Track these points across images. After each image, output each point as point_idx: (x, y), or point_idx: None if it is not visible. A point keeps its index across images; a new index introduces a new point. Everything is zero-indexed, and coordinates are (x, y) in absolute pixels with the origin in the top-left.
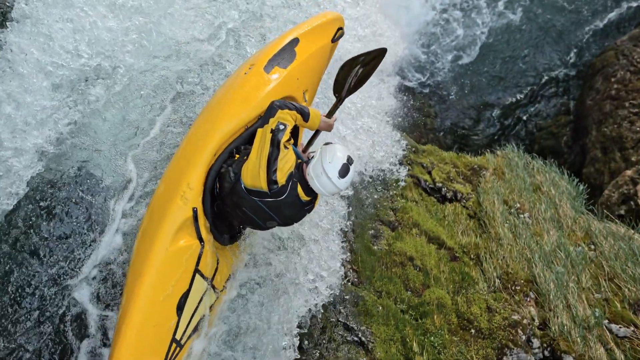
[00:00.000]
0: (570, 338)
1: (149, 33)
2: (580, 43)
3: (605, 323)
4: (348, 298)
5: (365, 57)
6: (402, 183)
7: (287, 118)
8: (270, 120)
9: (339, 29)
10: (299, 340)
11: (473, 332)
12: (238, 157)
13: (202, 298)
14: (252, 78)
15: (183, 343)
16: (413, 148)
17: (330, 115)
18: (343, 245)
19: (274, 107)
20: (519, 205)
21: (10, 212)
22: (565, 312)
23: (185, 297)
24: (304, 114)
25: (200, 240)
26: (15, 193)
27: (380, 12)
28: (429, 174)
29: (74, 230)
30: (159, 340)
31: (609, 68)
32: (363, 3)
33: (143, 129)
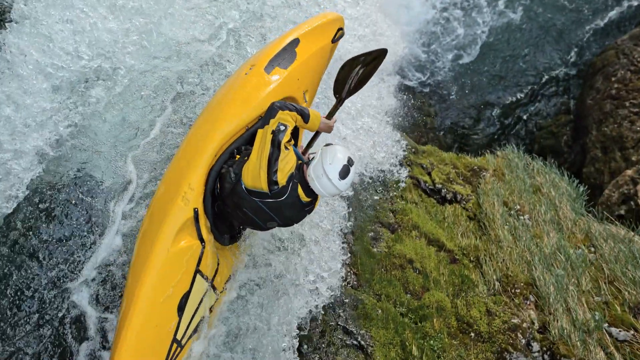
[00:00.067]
0: (570, 342)
1: (150, 34)
2: (581, 42)
3: (605, 326)
4: (347, 301)
5: (366, 57)
6: (402, 184)
7: (287, 119)
8: (271, 121)
9: (339, 30)
10: (299, 343)
11: (472, 335)
12: (239, 157)
13: (202, 298)
14: (252, 78)
15: (184, 343)
16: (413, 149)
17: (330, 117)
18: (343, 246)
19: (275, 108)
20: (519, 207)
21: (10, 214)
22: (565, 315)
23: (186, 297)
24: (304, 115)
25: (201, 241)
26: (15, 196)
27: (380, 11)
28: (429, 175)
29: (74, 233)
30: (160, 341)
31: (610, 67)
32: (363, 2)
33: (143, 130)
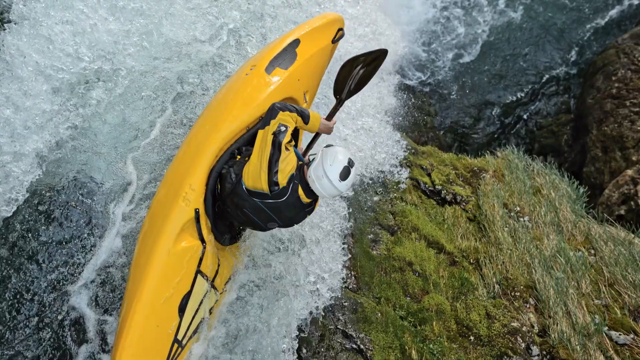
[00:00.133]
0: (570, 346)
1: (150, 34)
2: (581, 41)
3: (605, 330)
4: (347, 305)
5: (366, 57)
6: (402, 185)
7: (288, 120)
8: (272, 122)
9: (339, 30)
10: (298, 346)
11: (472, 339)
12: (239, 158)
13: (203, 299)
14: (253, 79)
15: (184, 343)
16: (413, 149)
17: (330, 118)
18: (344, 247)
19: (275, 108)
20: (519, 209)
21: (9, 216)
22: (565, 319)
23: (187, 297)
24: (305, 117)
25: (202, 241)
26: (15, 199)
27: (380, 10)
28: (429, 176)
29: (74, 235)
30: (161, 341)
31: (610, 66)
32: (363, 2)
33: (143, 131)
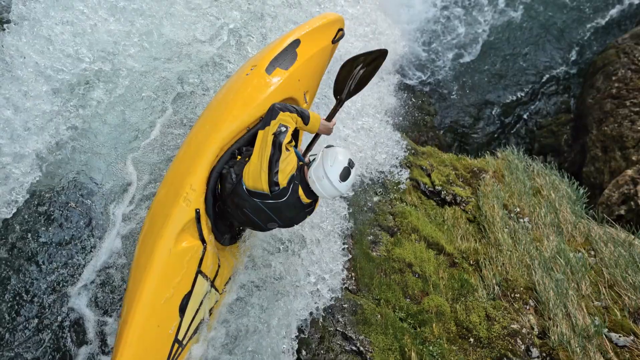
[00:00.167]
0: (570, 348)
1: (150, 35)
2: (581, 41)
3: (605, 332)
4: (346, 306)
5: (366, 57)
6: (402, 186)
7: (288, 120)
8: (272, 123)
9: (339, 30)
10: (298, 348)
11: (472, 341)
12: (240, 158)
13: (203, 299)
14: (253, 79)
15: (185, 343)
16: (412, 150)
17: (330, 119)
18: (344, 248)
19: (275, 109)
20: (519, 210)
21: (9, 217)
22: (565, 321)
23: (188, 298)
24: (304, 117)
25: (203, 241)
26: (15, 200)
27: (380, 9)
28: (429, 177)
29: (74, 236)
30: (162, 341)
31: (610, 66)
32: (363, 1)
33: (143, 131)
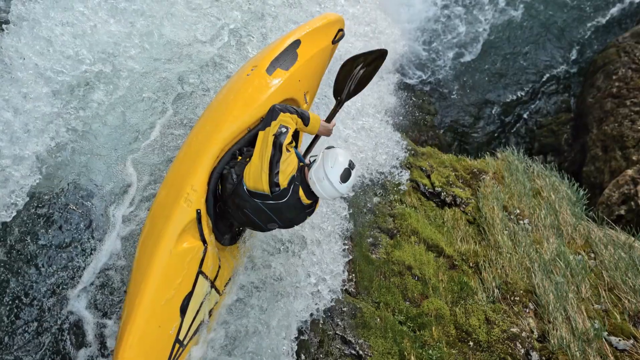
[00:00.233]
0: (570, 352)
1: (151, 35)
2: (582, 40)
3: (605, 335)
4: (346, 310)
5: (366, 56)
6: (403, 187)
7: (288, 121)
8: (272, 124)
9: (340, 31)
10: (297, 354)
11: (471, 344)
12: (240, 158)
13: (204, 299)
14: (254, 80)
15: (186, 343)
16: (412, 150)
17: (330, 120)
18: (344, 249)
19: (276, 110)
20: (519, 211)
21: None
22: (565, 324)
23: (189, 298)
24: (304, 118)
25: (204, 242)
26: (14, 203)
27: (380, 9)
28: (428, 178)
29: (74, 238)
30: (163, 341)
31: (611, 65)
32: (363, 1)
33: (144, 132)
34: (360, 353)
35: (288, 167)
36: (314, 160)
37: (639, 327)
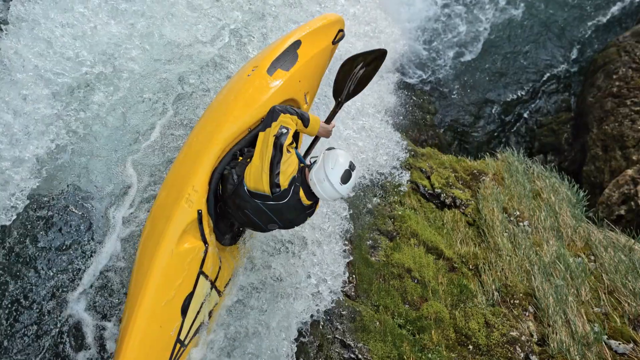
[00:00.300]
0: (569, 356)
1: (151, 36)
2: (582, 39)
3: (605, 339)
4: (345, 313)
5: (365, 56)
6: (403, 188)
7: (289, 122)
8: (273, 124)
9: (340, 31)
10: (296, 356)
11: (471, 348)
12: (241, 159)
13: (205, 299)
14: (255, 80)
15: (187, 343)
16: (412, 151)
17: (329, 121)
18: (345, 249)
19: (276, 111)
20: (519, 213)
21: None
22: (565, 328)
23: (190, 298)
24: (304, 120)
25: (205, 242)
26: (14, 206)
27: (381, 8)
28: (428, 179)
29: (74, 240)
30: (164, 341)
31: (611, 65)
32: (363, 0)
33: (144, 133)
34: (360, 357)
35: (289, 168)
36: (315, 162)
37: (639, 330)
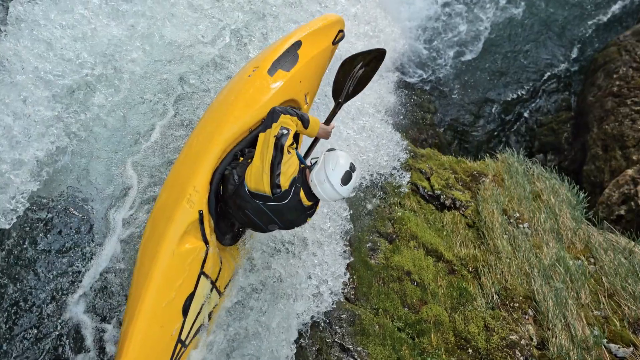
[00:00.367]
0: (569, 359)
1: (152, 37)
2: (583, 38)
3: (604, 342)
4: (344, 317)
5: (365, 56)
6: (403, 190)
7: (289, 123)
8: (273, 125)
9: (340, 32)
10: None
11: (470, 351)
12: (242, 159)
13: (205, 300)
14: (255, 81)
15: (187, 343)
16: (412, 152)
17: (329, 122)
18: (346, 250)
19: (277, 112)
20: (519, 215)
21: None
22: (564, 331)
23: (190, 299)
24: (304, 121)
25: (206, 243)
26: (14, 209)
27: (381, 7)
28: (428, 181)
29: (74, 242)
30: (165, 341)
31: (611, 64)
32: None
33: (144, 134)
34: None
35: (289, 168)
36: (315, 162)
37: (639, 334)
